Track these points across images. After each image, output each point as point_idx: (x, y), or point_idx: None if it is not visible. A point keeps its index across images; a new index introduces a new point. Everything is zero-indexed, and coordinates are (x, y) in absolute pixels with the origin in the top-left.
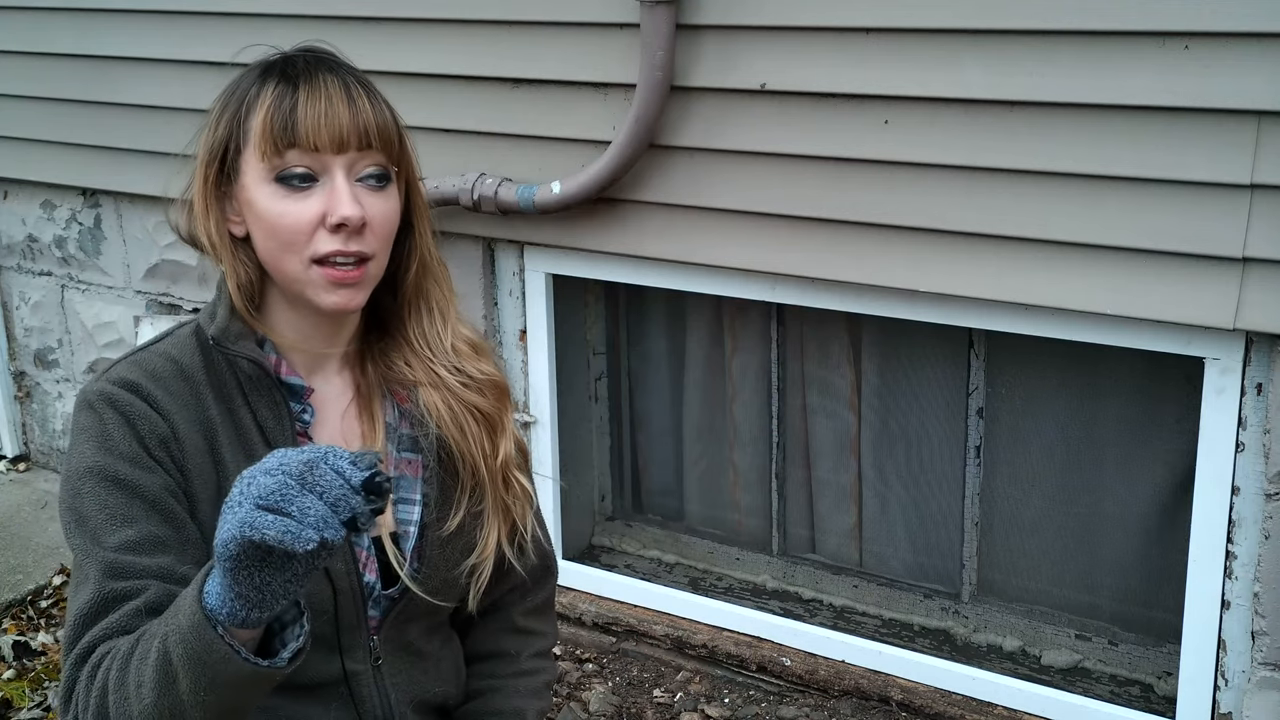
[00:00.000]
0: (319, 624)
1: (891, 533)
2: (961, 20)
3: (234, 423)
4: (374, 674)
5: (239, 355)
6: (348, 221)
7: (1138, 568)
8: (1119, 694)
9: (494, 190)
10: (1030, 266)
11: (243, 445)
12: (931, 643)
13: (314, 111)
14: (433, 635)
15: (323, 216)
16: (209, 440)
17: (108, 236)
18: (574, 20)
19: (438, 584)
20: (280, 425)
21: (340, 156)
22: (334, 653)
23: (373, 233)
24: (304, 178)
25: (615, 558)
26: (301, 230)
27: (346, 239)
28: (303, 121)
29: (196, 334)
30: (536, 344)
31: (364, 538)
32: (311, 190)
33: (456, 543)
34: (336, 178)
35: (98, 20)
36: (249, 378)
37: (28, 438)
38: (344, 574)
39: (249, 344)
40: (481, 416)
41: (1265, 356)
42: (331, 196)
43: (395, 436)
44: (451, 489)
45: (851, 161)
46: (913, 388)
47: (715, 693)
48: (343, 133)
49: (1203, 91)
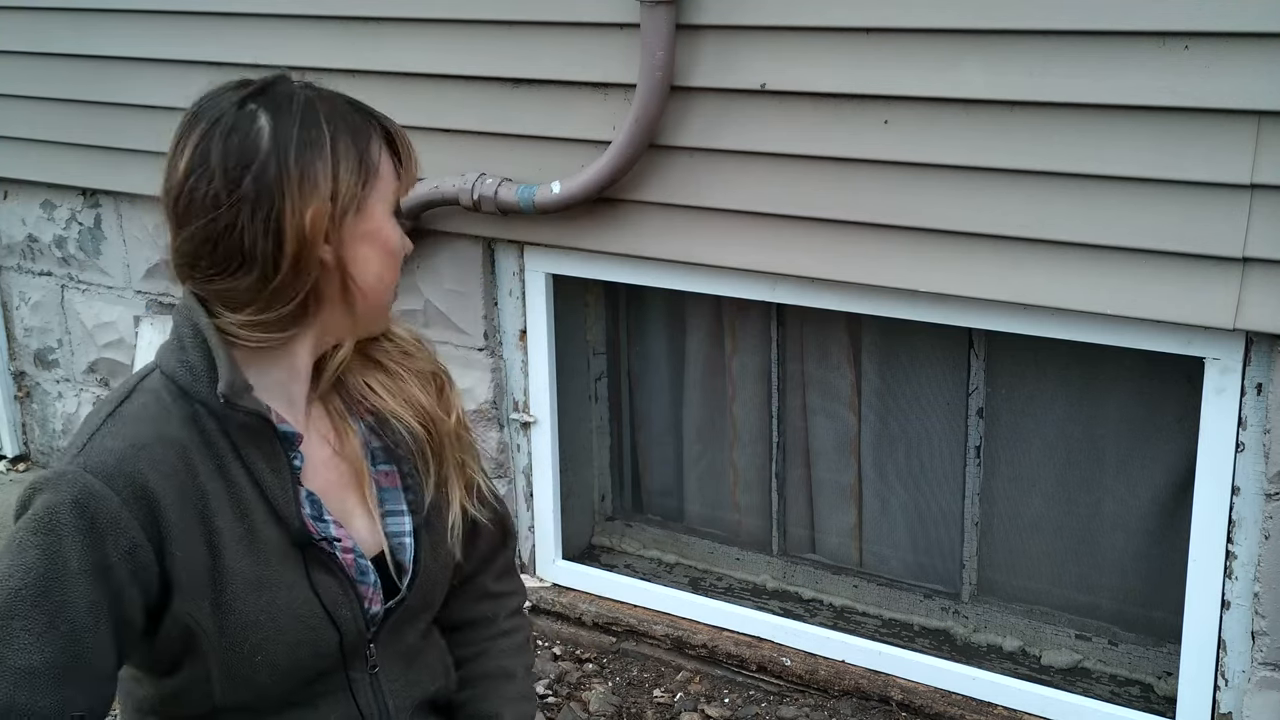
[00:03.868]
0: (324, 662)
1: (891, 533)
2: (961, 20)
3: (225, 482)
4: (371, 680)
5: (246, 410)
6: (408, 253)
7: (1138, 568)
8: (1119, 694)
9: (494, 190)
10: (1030, 266)
11: (235, 505)
12: (931, 643)
13: (405, 144)
14: (426, 633)
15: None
16: (201, 512)
17: (108, 236)
18: (574, 20)
19: (431, 582)
20: (280, 478)
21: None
22: (338, 671)
23: None
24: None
25: (615, 558)
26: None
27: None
28: (403, 152)
29: (167, 389)
30: (536, 344)
31: (369, 573)
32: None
33: (437, 525)
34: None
35: (97, 20)
36: (245, 432)
37: (28, 438)
38: (350, 619)
39: (252, 397)
40: (428, 377)
41: (1265, 356)
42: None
43: (369, 451)
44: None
45: (852, 161)
46: (913, 388)
47: (715, 693)
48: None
49: (1203, 91)
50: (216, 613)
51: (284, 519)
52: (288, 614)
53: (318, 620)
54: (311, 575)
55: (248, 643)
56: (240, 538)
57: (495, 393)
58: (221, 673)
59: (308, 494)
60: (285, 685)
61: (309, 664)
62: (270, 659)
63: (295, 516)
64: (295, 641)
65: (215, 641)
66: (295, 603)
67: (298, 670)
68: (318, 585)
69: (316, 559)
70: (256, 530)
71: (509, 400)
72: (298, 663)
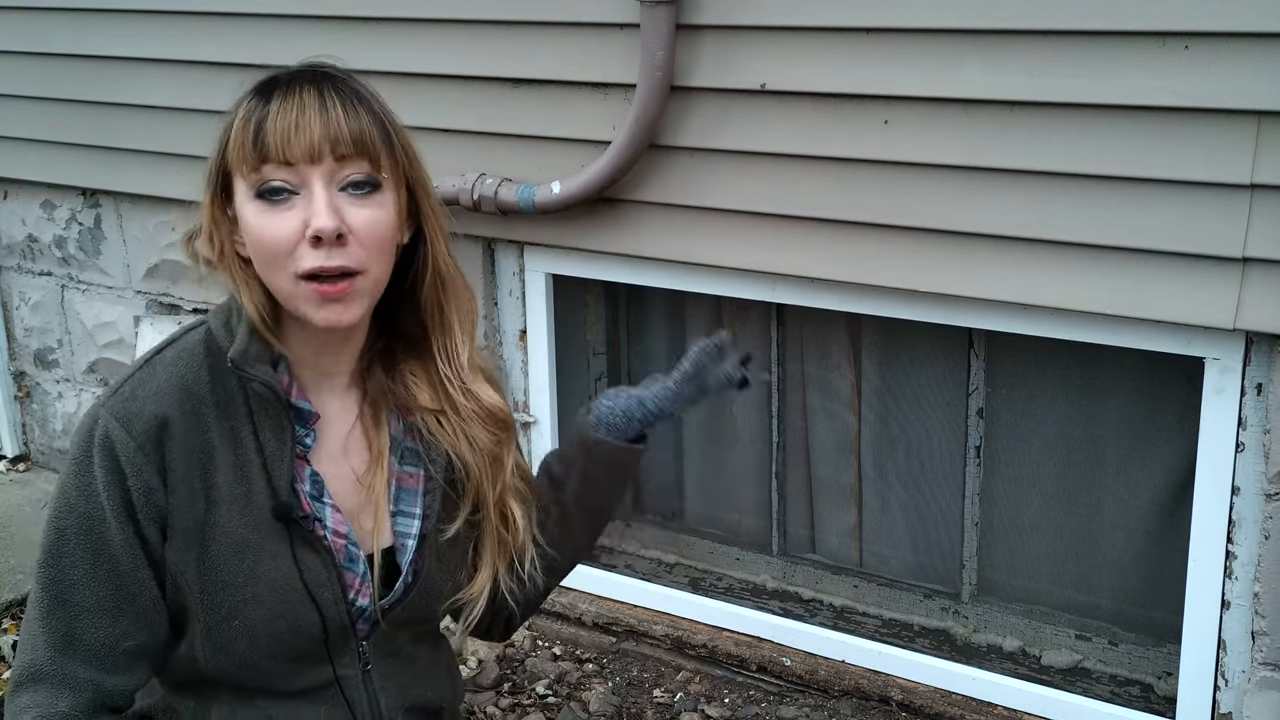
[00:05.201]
0: (305, 643)
1: (892, 533)
2: (961, 20)
3: (234, 443)
4: (364, 678)
5: (255, 379)
6: (321, 234)
7: (1138, 568)
8: (1119, 694)
9: (494, 190)
10: (1030, 266)
11: (238, 467)
12: (931, 643)
13: (283, 123)
14: (422, 641)
15: (304, 230)
16: (203, 465)
17: (108, 236)
18: (574, 20)
19: (431, 595)
20: (281, 449)
21: (316, 167)
22: (324, 661)
23: (358, 244)
24: (280, 191)
25: (615, 557)
26: (282, 245)
27: (328, 253)
28: (271, 134)
29: (206, 344)
30: (536, 344)
31: (359, 562)
32: (291, 204)
33: (451, 554)
34: (315, 189)
35: (97, 20)
36: (259, 399)
37: (28, 438)
38: (331, 602)
39: (265, 367)
40: (482, 447)
41: (1265, 356)
42: (309, 207)
43: (399, 449)
44: (454, 502)
45: (852, 161)
46: (913, 388)
47: (715, 693)
48: (314, 142)
49: (1203, 91)
50: (200, 567)
51: (276, 489)
52: (266, 583)
53: (296, 596)
54: (296, 550)
55: (226, 604)
56: (237, 498)
57: None
58: (203, 633)
59: (311, 473)
60: (267, 660)
61: (288, 641)
62: (247, 625)
63: (284, 489)
64: (273, 614)
65: (197, 597)
66: (276, 573)
67: (276, 644)
68: (301, 561)
69: (303, 536)
70: (253, 495)
71: (509, 400)
72: (275, 636)
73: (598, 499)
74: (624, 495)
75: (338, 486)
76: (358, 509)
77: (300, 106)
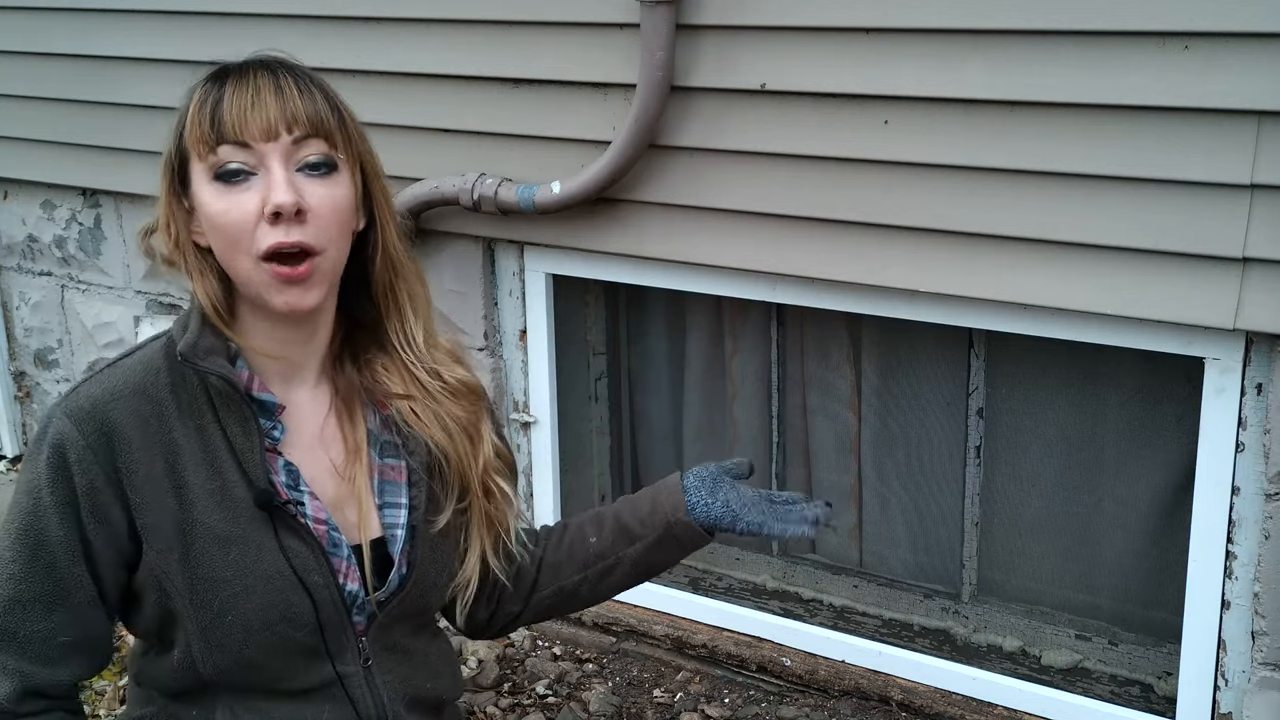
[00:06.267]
0: (303, 634)
1: (891, 533)
2: (961, 20)
3: (201, 440)
4: (365, 674)
5: (208, 372)
6: (281, 209)
7: (1138, 568)
8: (1119, 694)
9: (494, 190)
10: (1030, 266)
11: (209, 463)
12: (931, 643)
13: (239, 104)
14: (419, 633)
15: (263, 208)
16: (170, 463)
17: (108, 236)
18: (574, 20)
19: (426, 586)
20: (249, 441)
21: (273, 145)
22: (323, 658)
23: (317, 221)
24: (238, 173)
25: None
26: (243, 224)
27: (287, 229)
28: (228, 114)
29: (167, 348)
30: (536, 344)
31: (342, 547)
32: (250, 184)
33: (444, 544)
34: (273, 168)
35: (97, 20)
36: (219, 394)
37: (28, 438)
38: (321, 585)
39: (219, 360)
40: (460, 424)
41: (1265, 356)
42: (267, 186)
43: (377, 443)
44: (439, 493)
45: (851, 161)
46: (913, 388)
47: (715, 693)
48: (270, 121)
49: (1203, 91)
50: (185, 567)
51: (252, 480)
52: (255, 573)
53: (286, 583)
54: (281, 538)
55: (217, 600)
56: (212, 493)
57: (495, 393)
58: (198, 635)
59: (285, 463)
60: (265, 655)
61: (283, 631)
62: (242, 619)
63: (261, 478)
64: (265, 603)
65: (186, 599)
66: (263, 563)
67: (272, 635)
68: (287, 549)
69: (286, 523)
70: (229, 489)
71: (509, 400)
72: (270, 626)
73: (654, 568)
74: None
75: (316, 476)
76: (340, 501)
77: (255, 89)
